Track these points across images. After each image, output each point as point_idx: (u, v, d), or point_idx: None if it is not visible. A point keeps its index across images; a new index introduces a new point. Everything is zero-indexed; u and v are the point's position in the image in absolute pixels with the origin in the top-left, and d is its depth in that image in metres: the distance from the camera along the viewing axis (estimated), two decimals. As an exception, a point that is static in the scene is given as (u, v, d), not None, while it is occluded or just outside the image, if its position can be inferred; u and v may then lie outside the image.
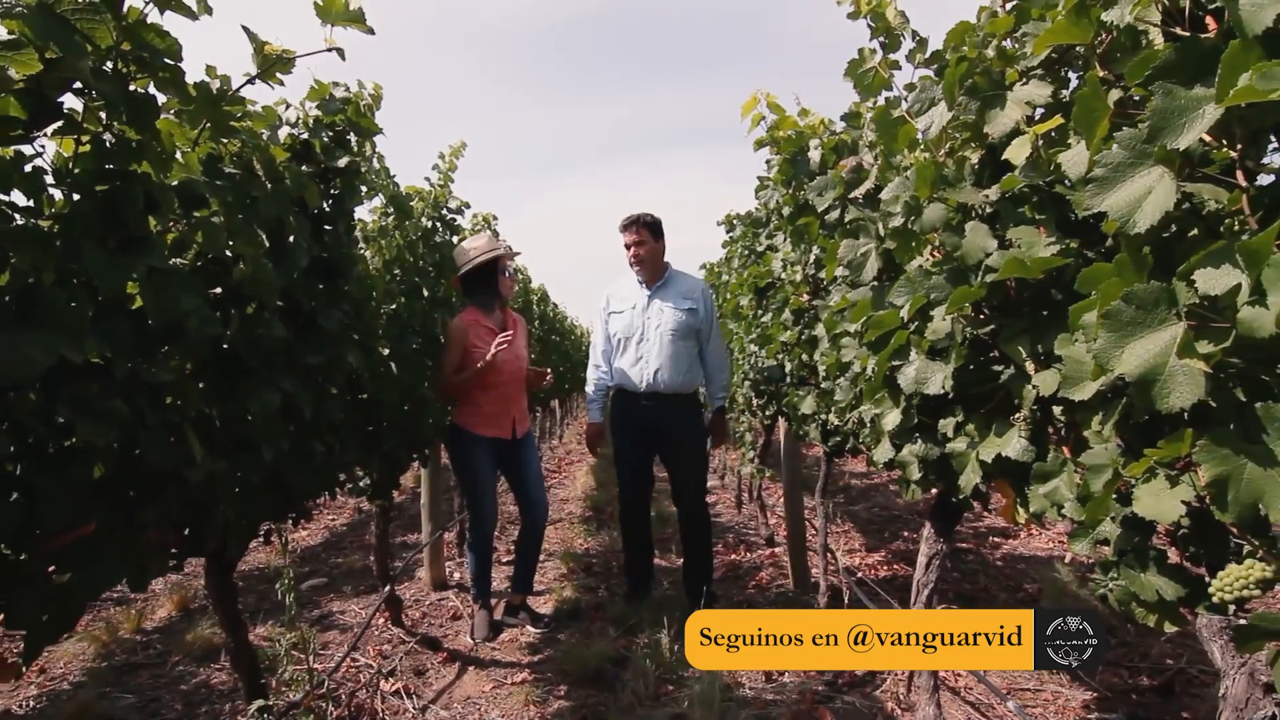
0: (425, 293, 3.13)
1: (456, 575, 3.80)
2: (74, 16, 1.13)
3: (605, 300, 3.21)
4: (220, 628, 1.77)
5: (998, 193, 1.39)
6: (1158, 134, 0.86)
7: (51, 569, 1.07)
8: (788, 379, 3.08)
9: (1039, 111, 1.34)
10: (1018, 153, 1.25)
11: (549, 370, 3.26)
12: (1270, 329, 0.78)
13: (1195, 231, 1.02)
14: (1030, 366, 1.40)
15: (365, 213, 3.12)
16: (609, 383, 3.21)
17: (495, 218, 4.58)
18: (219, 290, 1.55)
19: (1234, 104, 0.77)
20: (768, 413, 3.63)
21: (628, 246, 3.03)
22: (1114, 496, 1.15)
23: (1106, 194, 0.96)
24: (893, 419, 1.86)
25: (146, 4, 1.32)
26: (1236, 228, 0.94)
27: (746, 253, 3.63)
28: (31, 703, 2.44)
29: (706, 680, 2.33)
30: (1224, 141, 0.92)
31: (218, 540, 1.47)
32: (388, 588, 2.76)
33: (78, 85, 1.21)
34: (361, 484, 2.61)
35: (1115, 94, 1.06)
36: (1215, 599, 0.96)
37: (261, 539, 1.82)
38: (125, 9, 1.29)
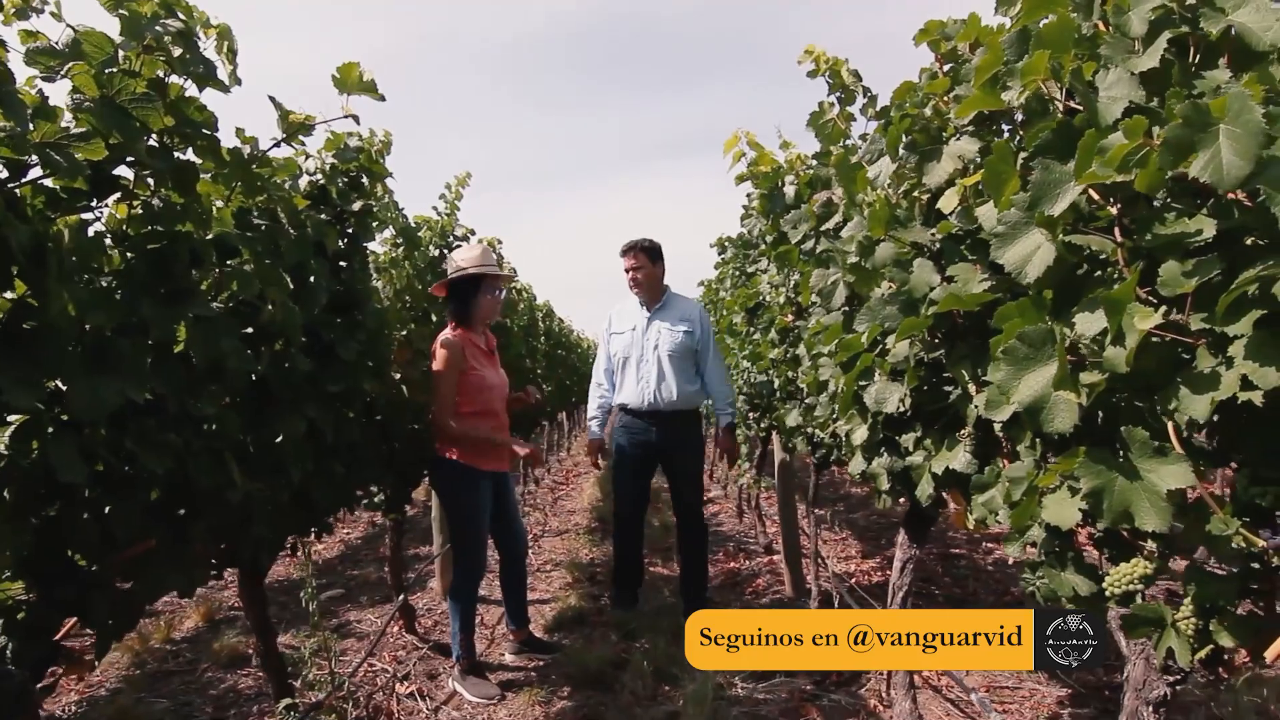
0: (434, 318, 3.32)
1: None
2: (131, 106, 1.32)
3: (608, 321, 3.40)
4: (251, 633, 1.96)
5: (940, 234, 1.56)
6: (1037, 202, 1.03)
7: (117, 578, 1.26)
8: (776, 394, 3.25)
9: (973, 163, 1.51)
10: (948, 203, 1.42)
11: (532, 388, 3.14)
12: (1123, 367, 0.94)
13: (1100, 273, 1.19)
14: (972, 388, 1.56)
15: (377, 244, 3.32)
16: (610, 401, 3.38)
17: (500, 241, 4.79)
18: (250, 329, 1.74)
19: (1086, 183, 0.94)
20: (762, 425, 3.80)
21: (627, 271, 3.22)
22: (1037, 504, 1.31)
23: (1006, 248, 1.13)
24: (860, 434, 2.02)
25: (185, 80, 1.52)
26: (1116, 276, 1.11)
27: (738, 273, 3.81)
28: (73, 707, 2.63)
29: (700, 680, 2.48)
30: (1110, 200, 1.09)
31: (252, 552, 1.65)
32: (401, 597, 2.94)
33: (130, 158, 1.41)
34: (376, 499, 2.79)
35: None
36: (1107, 593, 1.12)
37: (288, 551, 2.00)
38: (169, 86, 1.50)
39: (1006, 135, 1.52)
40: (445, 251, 3.78)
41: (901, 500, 2.10)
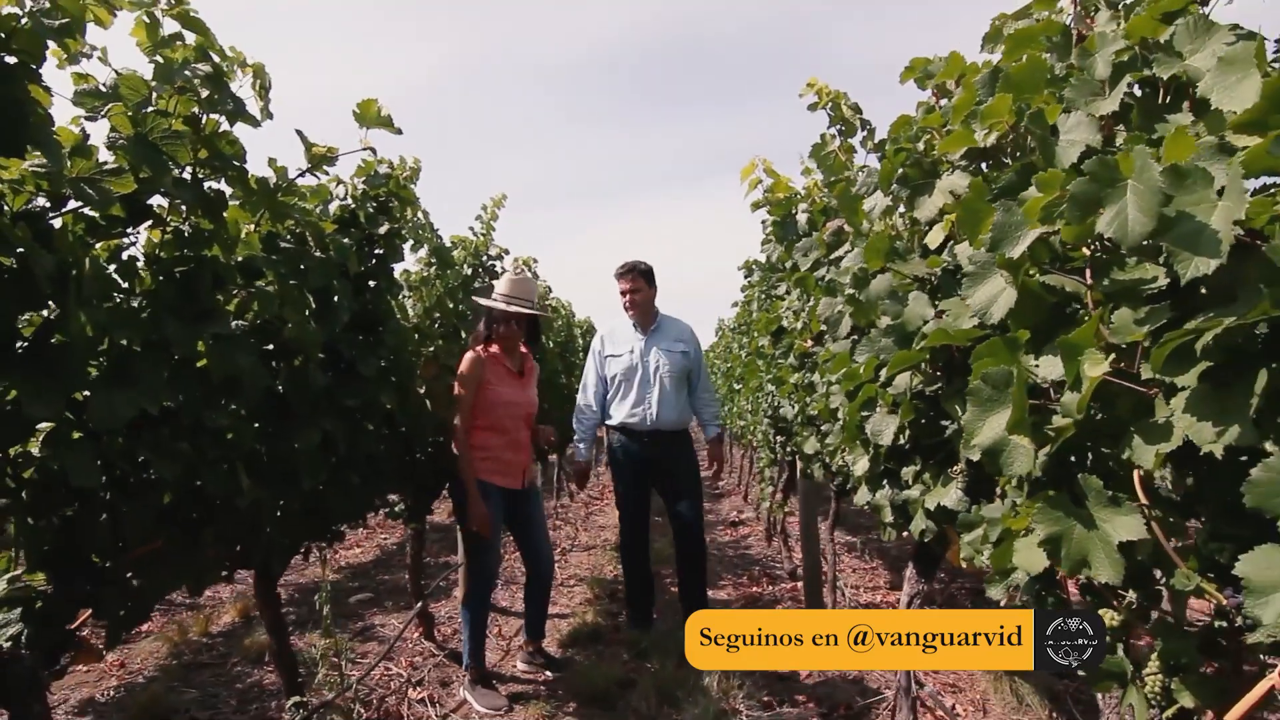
0: (463, 335, 3.43)
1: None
2: (162, 142, 1.45)
3: (599, 343, 3.41)
4: (266, 631, 2.06)
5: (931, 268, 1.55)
6: (998, 244, 1.03)
7: (129, 575, 1.36)
8: (798, 418, 3.23)
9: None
10: (935, 238, 1.42)
11: (549, 430, 3.14)
12: (1075, 414, 0.93)
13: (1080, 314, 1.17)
14: (964, 424, 1.54)
15: (412, 262, 3.47)
16: (597, 422, 3.41)
17: (535, 260, 4.91)
18: (271, 345, 1.86)
19: (1035, 229, 0.94)
20: (787, 450, 3.77)
21: (623, 293, 3.26)
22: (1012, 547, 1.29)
23: (974, 289, 1.13)
24: (862, 465, 2.01)
25: (220, 115, 1.65)
26: (1088, 319, 1.09)
27: (764, 297, 3.81)
28: (111, 692, 2.80)
29: (703, 706, 2.48)
30: (1085, 242, 1.08)
31: (263, 556, 1.75)
32: (419, 604, 3.03)
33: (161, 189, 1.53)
34: (397, 509, 2.89)
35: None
36: (1074, 641, 1.09)
37: (302, 556, 2.10)
38: (204, 121, 1.63)
39: (986, 173, 1.51)
40: (479, 270, 3.91)
41: (905, 533, 2.07)
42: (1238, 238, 0.67)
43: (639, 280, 3.27)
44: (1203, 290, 0.87)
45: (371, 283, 2.45)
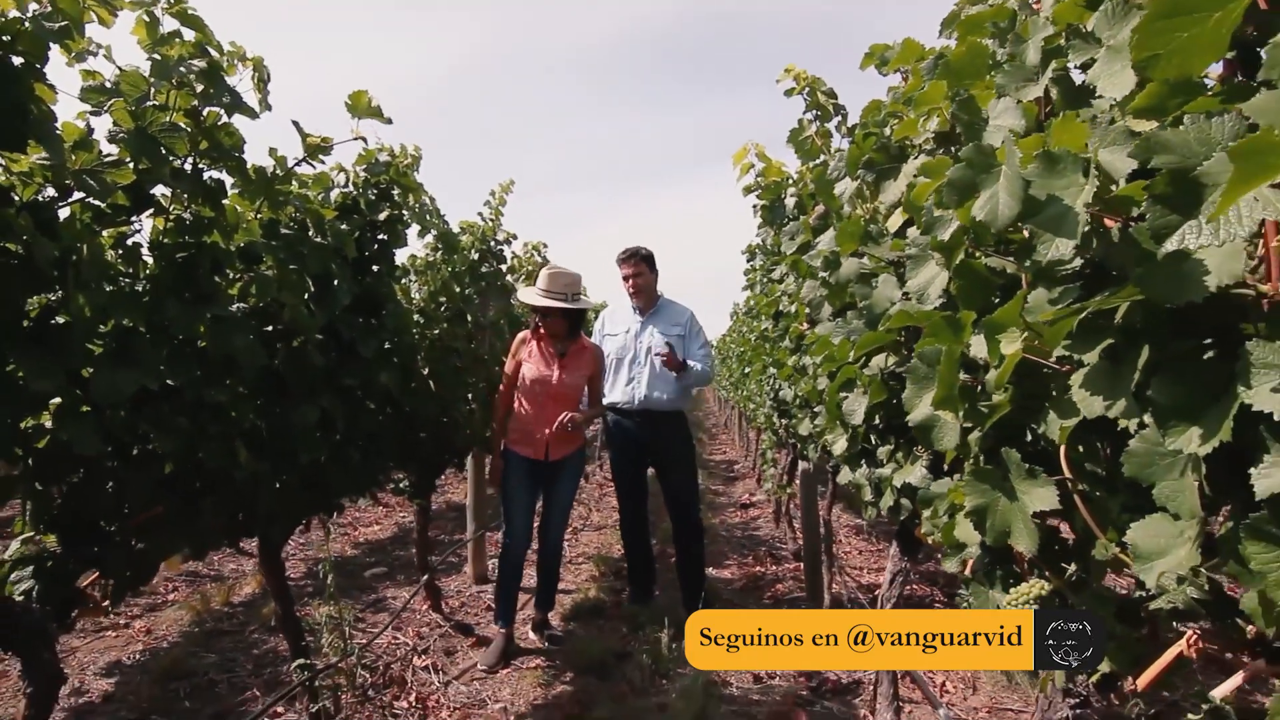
0: (468, 319, 3.52)
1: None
2: (160, 135, 1.54)
3: (601, 323, 3.52)
4: (294, 601, 2.19)
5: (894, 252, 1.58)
6: (930, 229, 1.06)
7: (133, 539, 1.47)
8: (795, 402, 3.26)
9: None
10: (894, 222, 1.45)
11: (570, 416, 3.04)
12: (994, 390, 0.97)
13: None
14: (927, 403, 1.57)
15: (419, 247, 3.57)
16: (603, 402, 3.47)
17: (545, 245, 4.98)
18: (271, 327, 1.95)
19: (963, 221, 0.97)
20: (790, 432, 3.81)
21: (626, 278, 3.33)
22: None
23: (915, 272, 1.17)
24: (840, 445, 2.05)
25: (220, 108, 1.73)
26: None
27: (766, 280, 3.84)
28: (137, 656, 2.98)
29: (692, 676, 2.56)
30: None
31: (263, 527, 1.86)
32: (425, 577, 3.15)
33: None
34: (402, 485, 3.01)
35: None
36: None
37: (303, 528, 2.21)
38: (205, 114, 1.72)
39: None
40: (487, 254, 3.99)
41: (883, 512, 2.11)
42: (1094, 216, 0.70)
43: (640, 265, 3.33)
44: (1113, 273, 0.91)
45: (375, 267, 2.54)
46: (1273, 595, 0.67)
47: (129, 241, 1.62)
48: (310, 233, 2.11)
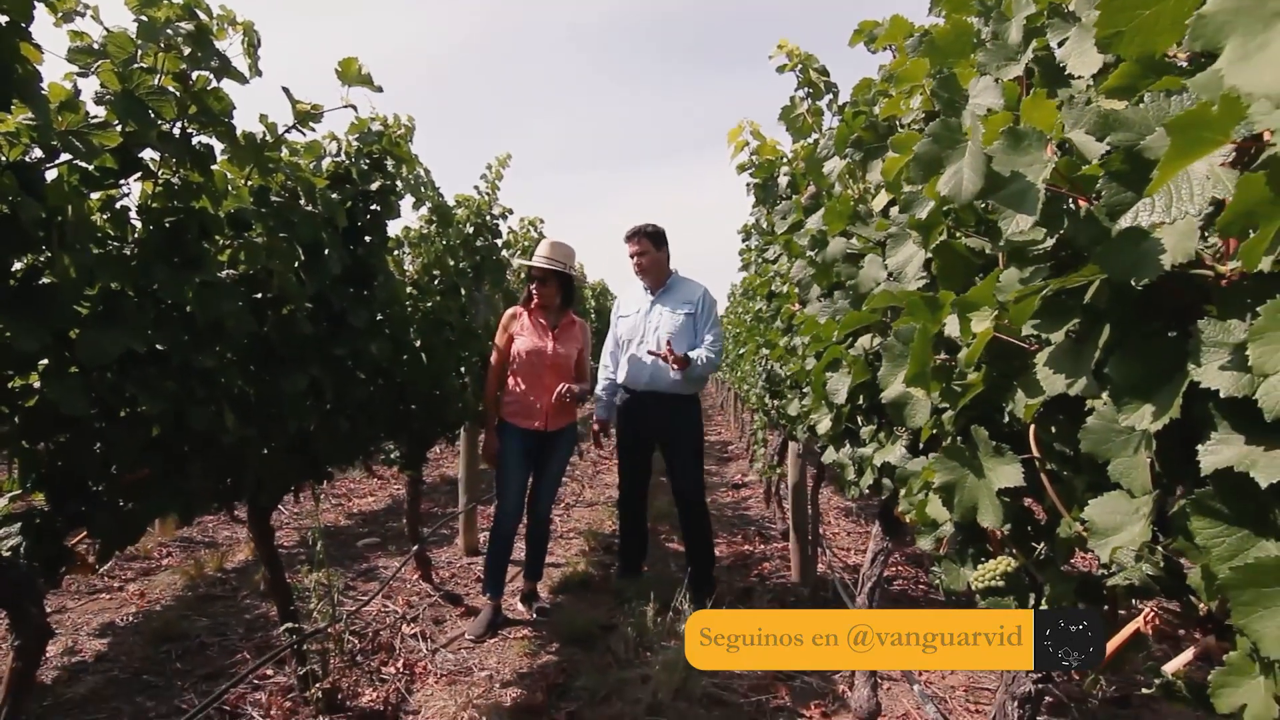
0: (462, 292, 3.53)
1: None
2: (147, 98, 1.53)
3: (616, 304, 3.51)
4: (285, 568, 2.22)
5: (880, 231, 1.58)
6: (907, 208, 1.07)
7: (120, 500, 1.49)
8: (786, 382, 3.28)
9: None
10: (879, 202, 1.45)
11: (577, 386, 3.12)
12: (966, 368, 0.98)
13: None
14: (907, 384, 1.59)
15: (414, 219, 3.56)
16: (616, 382, 3.49)
17: (542, 220, 4.96)
18: (260, 295, 1.96)
19: (929, 196, 0.98)
20: (780, 412, 3.83)
21: (631, 256, 3.31)
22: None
23: (895, 251, 1.17)
24: (825, 424, 2.07)
25: (206, 71, 1.72)
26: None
27: (760, 260, 3.84)
28: (130, 618, 3.02)
29: (675, 648, 2.60)
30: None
31: (250, 492, 1.88)
32: (415, 547, 3.19)
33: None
34: (393, 456, 3.03)
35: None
36: (972, 586, 1.16)
37: (293, 494, 2.24)
38: (194, 78, 1.71)
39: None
40: (482, 228, 3.98)
41: (867, 491, 2.14)
42: (1065, 195, 0.71)
43: (645, 243, 3.30)
44: (1085, 254, 0.91)
45: (367, 238, 2.54)
46: (1215, 570, 0.69)
47: (117, 205, 1.62)
48: (301, 201, 2.10)
